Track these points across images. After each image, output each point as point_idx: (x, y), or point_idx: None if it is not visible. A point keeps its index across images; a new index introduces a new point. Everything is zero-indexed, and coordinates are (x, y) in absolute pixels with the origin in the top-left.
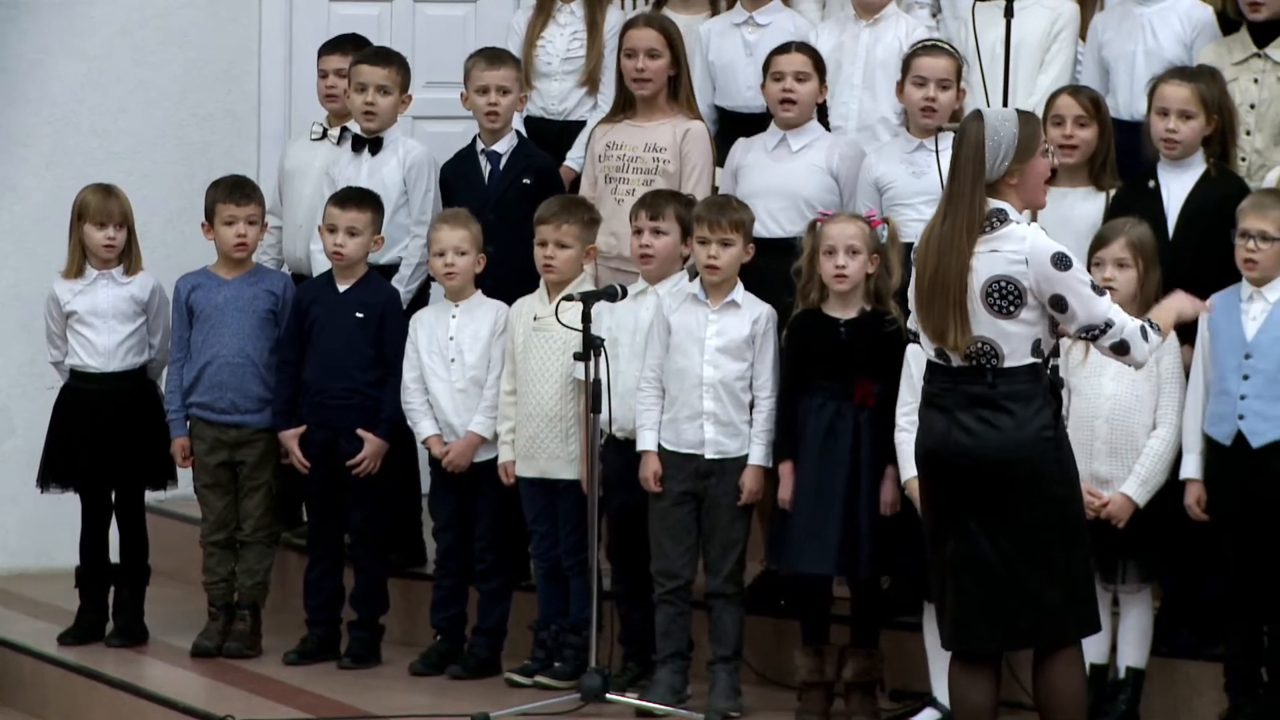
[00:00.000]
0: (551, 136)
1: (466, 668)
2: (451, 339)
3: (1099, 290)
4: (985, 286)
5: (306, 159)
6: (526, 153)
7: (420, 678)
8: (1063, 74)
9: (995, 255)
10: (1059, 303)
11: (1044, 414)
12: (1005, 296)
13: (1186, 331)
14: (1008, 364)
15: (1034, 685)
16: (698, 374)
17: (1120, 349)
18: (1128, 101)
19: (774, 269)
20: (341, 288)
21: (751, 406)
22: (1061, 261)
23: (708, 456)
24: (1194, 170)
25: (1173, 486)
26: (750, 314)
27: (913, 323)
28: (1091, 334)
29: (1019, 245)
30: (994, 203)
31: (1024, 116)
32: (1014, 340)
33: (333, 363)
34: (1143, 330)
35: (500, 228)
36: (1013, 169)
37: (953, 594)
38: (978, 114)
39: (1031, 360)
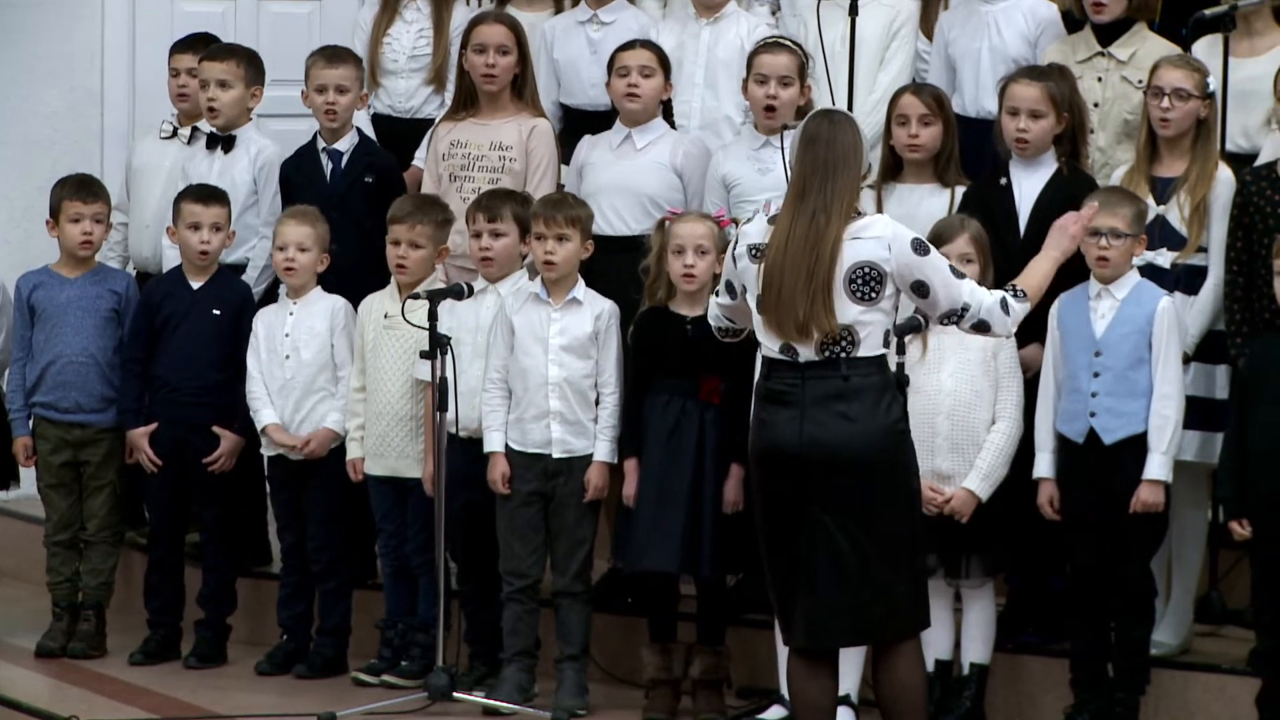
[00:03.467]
0: (399, 134)
1: (312, 667)
2: (287, 335)
3: (958, 273)
4: (849, 273)
5: (155, 157)
6: (368, 151)
7: (266, 677)
8: (903, 71)
9: (858, 242)
10: (921, 288)
11: (895, 407)
12: (867, 282)
13: (1034, 330)
14: (861, 353)
15: (875, 680)
16: (543, 373)
17: (981, 328)
18: (974, 99)
19: (620, 266)
20: (195, 285)
21: (597, 403)
22: (921, 247)
23: (555, 456)
24: (1046, 169)
25: (1016, 482)
26: (592, 310)
27: (731, 320)
28: (952, 318)
29: (882, 232)
30: None
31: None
32: (869, 328)
33: (187, 360)
34: (1003, 303)
35: (341, 226)
36: (867, 164)
37: (805, 592)
38: (834, 113)
39: (881, 351)
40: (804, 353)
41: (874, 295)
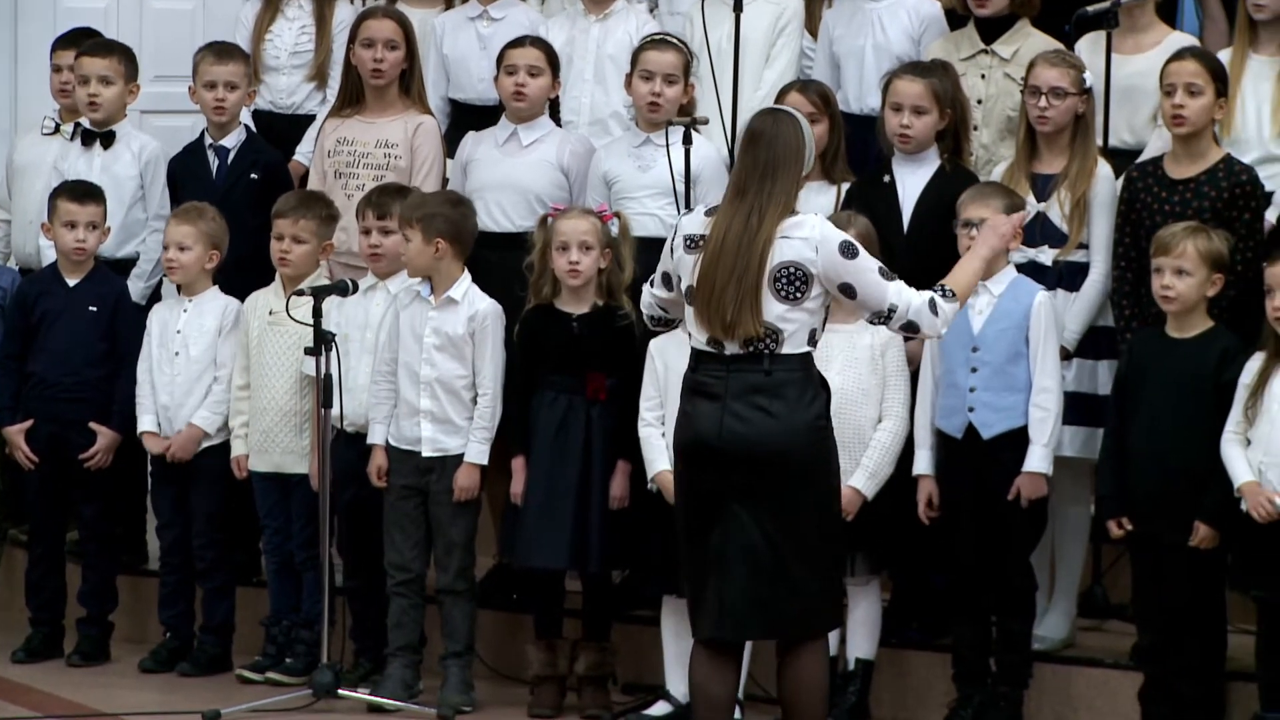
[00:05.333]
0: (280, 130)
1: (196, 665)
2: (178, 332)
3: (887, 274)
4: (773, 271)
5: (38, 154)
6: (254, 148)
7: (150, 675)
8: (788, 69)
9: (787, 242)
10: (848, 289)
11: (817, 403)
12: (792, 282)
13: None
14: (784, 350)
15: (780, 676)
16: (417, 371)
17: (910, 329)
18: (858, 96)
19: (505, 263)
20: (72, 282)
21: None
22: (849, 249)
23: (425, 454)
24: (928, 165)
25: (900, 479)
26: (468, 311)
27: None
28: (880, 319)
29: (810, 233)
30: None
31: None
32: (794, 326)
33: (63, 357)
34: (931, 304)
35: (228, 222)
36: (811, 162)
37: (716, 584)
38: (780, 112)
39: (806, 349)
40: (729, 346)
41: (799, 295)
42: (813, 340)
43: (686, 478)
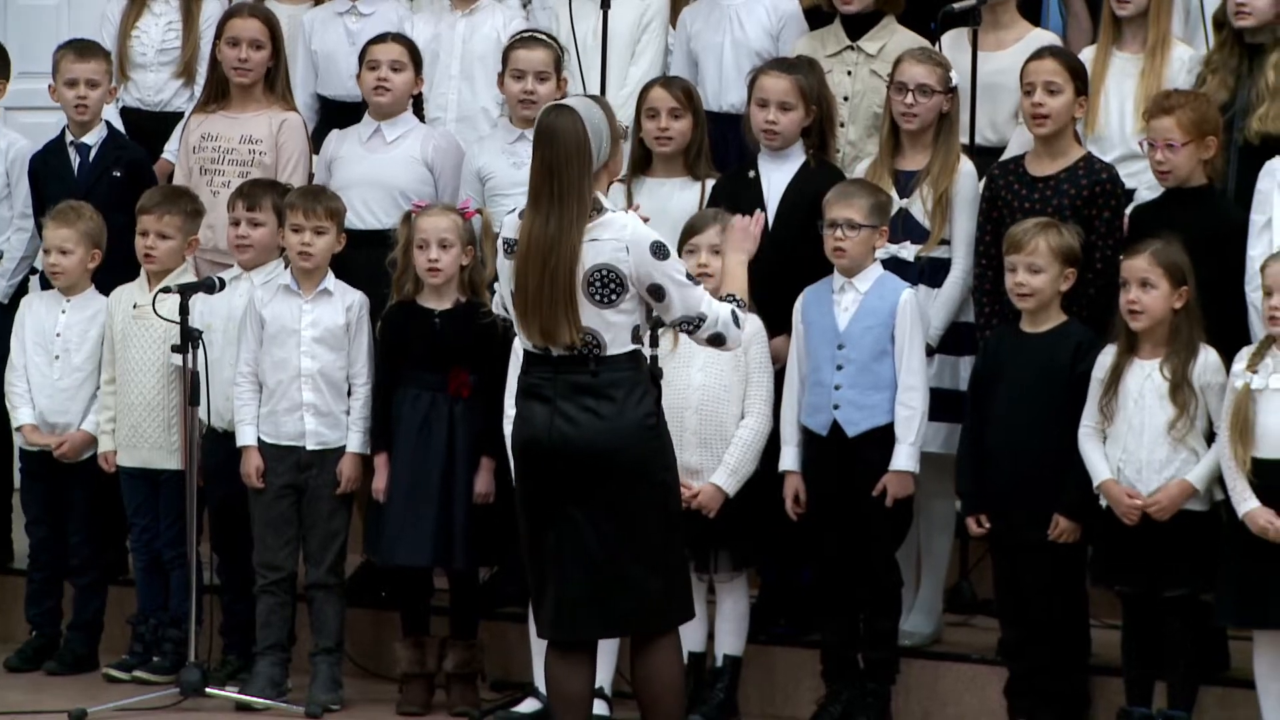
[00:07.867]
0: (148, 128)
1: (63, 663)
2: (58, 335)
3: (694, 281)
4: (587, 276)
5: None
6: (117, 144)
7: (16, 674)
8: (653, 65)
9: (596, 244)
10: (657, 291)
11: (646, 401)
12: (606, 285)
13: (783, 322)
14: (610, 352)
15: (633, 674)
16: (295, 365)
17: (716, 341)
18: (716, 93)
19: (369, 260)
20: None
21: (350, 394)
22: (660, 250)
23: (309, 448)
24: (794, 161)
25: (765, 476)
26: (343, 302)
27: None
28: (688, 326)
29: (619, 233)
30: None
31: (598, 100)
32: (615, 329)
33: None
34: (733, 315)
35: None
36: (612, 153)
37: (554, 584)
38: (562, 108)
39: (632, 347)
40: (555, 348)
41: (614, 298)
42: (637, 337)
43: (521, 480)
